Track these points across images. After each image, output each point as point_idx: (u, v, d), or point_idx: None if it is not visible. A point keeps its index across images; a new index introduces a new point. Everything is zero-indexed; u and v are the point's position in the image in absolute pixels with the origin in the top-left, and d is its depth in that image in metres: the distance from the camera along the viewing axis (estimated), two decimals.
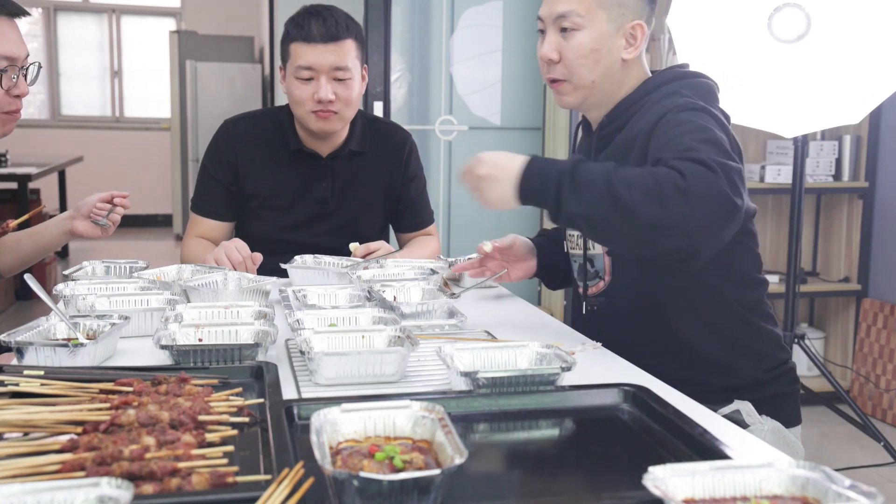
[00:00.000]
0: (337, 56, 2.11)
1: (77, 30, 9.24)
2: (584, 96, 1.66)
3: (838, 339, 4.16)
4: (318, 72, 2.11)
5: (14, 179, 5.47)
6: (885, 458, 3.21)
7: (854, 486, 0.79)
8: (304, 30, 2.11)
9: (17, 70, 1.80)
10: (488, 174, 1.44)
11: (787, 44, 2.88)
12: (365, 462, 0.86)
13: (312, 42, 2.10)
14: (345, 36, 2.12)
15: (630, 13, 1.62)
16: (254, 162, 2.27)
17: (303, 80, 2.13)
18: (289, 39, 2.16)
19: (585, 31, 1.61)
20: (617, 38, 1.62)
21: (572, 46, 1.62)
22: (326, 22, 2.10)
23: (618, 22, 1.61)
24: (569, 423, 1.15)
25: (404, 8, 4.02)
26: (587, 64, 1.62)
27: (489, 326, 1.64)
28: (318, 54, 2.10)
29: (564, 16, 1.61)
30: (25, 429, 1.01)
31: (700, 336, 1.61)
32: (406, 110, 4.12)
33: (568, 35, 1.62)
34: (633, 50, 1.63)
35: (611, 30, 1.61)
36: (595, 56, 1.61)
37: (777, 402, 1.62)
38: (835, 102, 2.87)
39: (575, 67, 1.62)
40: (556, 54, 1.64)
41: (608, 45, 1.61)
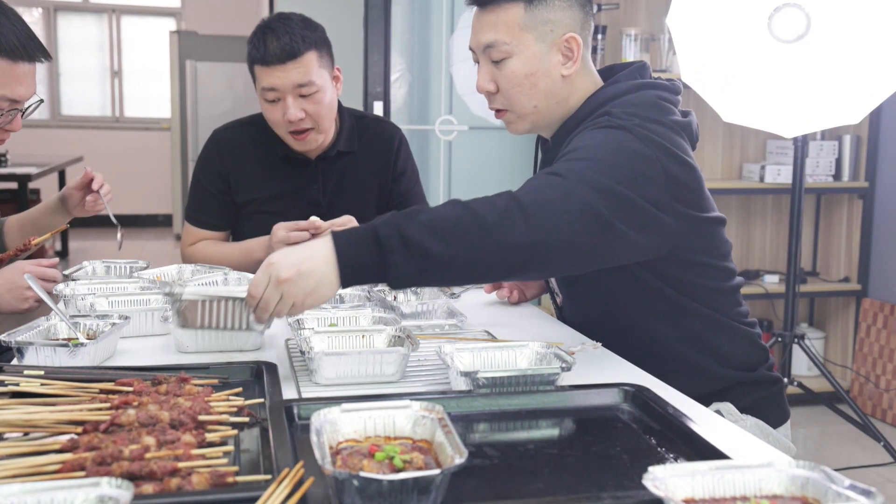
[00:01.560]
0: (299, 73, 2.06)
1: (77, 30, 9.23)
2: (532, 122, 1.59)
3: (838, 339, 4.16)
4: (282, 92, 2.07)
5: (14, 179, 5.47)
6: (885, 458, 3.22)
7: (854, 485, 0.79)
8: (260, 51, 2.06)
9: (18, 110, 1.80)
10: (294, 271, 1.22)
11: (787, 44, 2.88)
12: (365, 462, 0.86)
13: (271, 64, 2.05)
14: (303, 50, 2.05)
15: (560, 26, 1.53)
16: (244, 169, 2.26)
17: (270, 102, 2.11)
18: (251, 61, 2.12)
19: (516, 57, 1.53)
20: (551, 56, 1.54)
21: (506, 76, 1.54)
22: (282, 40, 2.04)
23: (548, 39, 1.53)
24: (569, 423, 1.15)
25: (404, 8, 4.02)
26: (525, 91, 1.54)
27: (489, 326, 1.65)
28: (278, 75, 2.06)
29: (491, 45, 1.54)
30: (25, 429, 1.01)
31: (669, 344, 1.55)
32: (406, 110, 4.12)
33: (500, 65, 1.55)
34: (571, 64, 1.54)
35: (542, 49, 1.53)
36: (531, 81, 1.54)
37: (762, 406, 1.58)
38: (835, 102, 2.87)
39: (513, 96, 1.55)
40: (492, 85, 1.57)
41: (543, 66, 1.53)
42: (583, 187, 1.30)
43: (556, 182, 1.31)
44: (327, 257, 1.23)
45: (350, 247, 1.23)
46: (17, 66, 1.73)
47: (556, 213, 1.28)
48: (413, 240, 1.21)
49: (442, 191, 4.11)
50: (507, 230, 1.25)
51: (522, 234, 1.25)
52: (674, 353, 1.55)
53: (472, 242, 1.24)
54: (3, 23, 1.71)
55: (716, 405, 1.51)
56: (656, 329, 1.55)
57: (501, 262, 1.27)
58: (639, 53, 3.81)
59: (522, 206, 1.26)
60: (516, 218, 1.25)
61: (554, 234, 1.27)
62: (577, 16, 1.54)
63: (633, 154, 1.38)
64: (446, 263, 1.23)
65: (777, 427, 1.59)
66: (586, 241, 1.31)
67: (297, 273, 1.22)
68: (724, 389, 1.56)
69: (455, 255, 1.23)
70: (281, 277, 1.22)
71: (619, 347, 1.55)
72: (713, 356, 1.57)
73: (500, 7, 1.53)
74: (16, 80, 1.74)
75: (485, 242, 1.24)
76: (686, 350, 1.55)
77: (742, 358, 1.60)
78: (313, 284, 1.23)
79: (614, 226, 1.31)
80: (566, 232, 1.28)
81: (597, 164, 1.35)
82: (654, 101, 1.52)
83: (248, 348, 1.44)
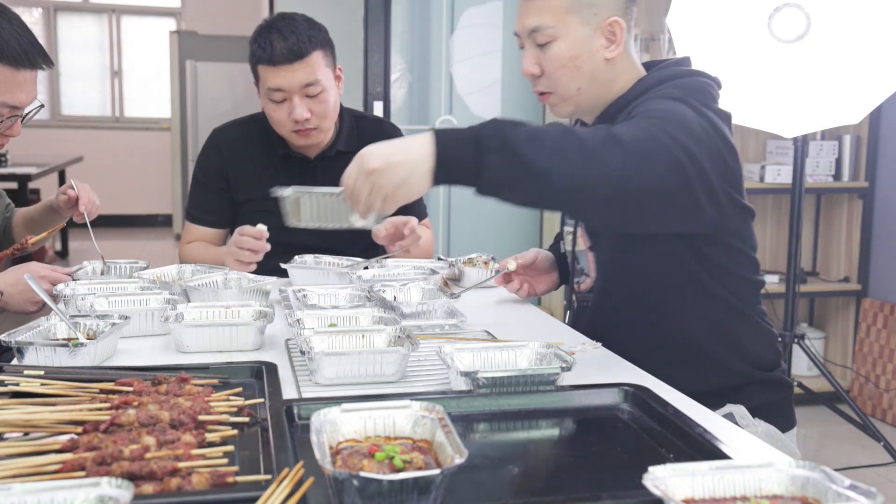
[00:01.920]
0: (306, 73, 2.06)
1: (77, 30, 9.23)
2: (575, 104, 1.62)
3: (838, 339, 4.16)
4: (289, 92, 2.08)
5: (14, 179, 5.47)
6: (885, 458, 3.22)
7: (854, 485, 0.79)
8: (267, 51, 2.06)
9: (18, 116, 1.80)
10: (384, 161, 1.22)
11: (787, 44, 2.88)
12: (365, 462, 0.86)
13: (278, 64, 2.05)
14: (310, 50, 2.06)
15: (604, 10, 1.56)
16: (244, 167, 2.27)
17: (276, 102, 2.11)
18: (254, 60, 2.12)
19: (561, 40, 1.56)
20: (595, 39, 1.57)
21: (550, 58, 1.57)
22: (288, 40, 2.04)
23: (592, 23, 1.56)
24: (569, 423, 1.15)
25: (404, 8, 4.02)
26: (569, 73, 1.57)
27: (489, 326, 1.64)
28: (285, 75, 2.06)
29: (537, 29, 1.57)
30: (25, 429, 1.01)
31: (693, 331, 1.58)
32: (406, 110, 4.12)
33: (545, 48, 1.58)
34: (614, 47, 1.58)
35: (586, 32, 1.56)
36: (575, 63, 1.57)
37: (771, 409, 1.59)
38: (835, 102, 2.87)
39: (558, 78, 1.58)
40: (536, 68, 1.60)
41: (587, 48, 1.56)
42: (673, 142, 1.31)
43: (652, 130, 1.32)
44: (423, 150, 1.22)
45: (449, 141, 1.22)
46: (18, 74, 1.73)
47: (649, 157, 1.28)
48: (514, 144, 1.21)
49: (442, 191, 4.11)
50: (604, 158, 1.25)
51: (617, 166, 1.25)
52: (697, 342, 1.58)
53: (569, 161, 1.24)
54: (6, 28, 1.70)
55: (729, 407, 1.52)
56: (684, 315, 1.57)
57: (590, 188, 1.26)
58: (639, 53, 3.80)
59: (622, 142, 1.27)
60: (615, 150, 1.26)
61: (644, 175, 1.28)
62: (620, 1, 1.58)
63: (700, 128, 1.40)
64: (540, 175, 1.22)
65: (784, 432, 1.60)
66: (667, 191, 1.31)
67: (387, 164, 1.22)
68: (741, 386, 1.58)
69: (550, 169, 1.22)
70: (370, 167, 1.22)
71: (641, 333, 1.58)
72: (734, 350, 1.59)
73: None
74: (17, 87, 1.74)
75: (581, 164, 1.24)
76: (709, 341, 1.58)
77: (760, 355, 1.62)
78: (403, 176, 1.22)
79: (693, 188, 1.33)
80: (655, 177, 1.29)
81: (681, 126, 1.35)
82: (705, 88, 1.56)
83: (248, 348, 1.44)
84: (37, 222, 2.17)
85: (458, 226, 4.16)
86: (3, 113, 1.76)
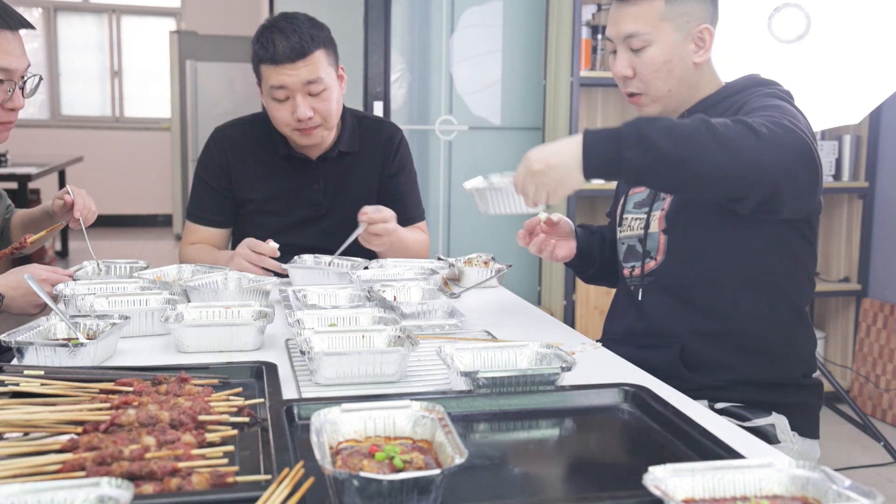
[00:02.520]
0: (308, 71, 2.06)
1: (77, 30, 9.23)
2: (664, 105, 1.70)
3: (838, 339, 4.16)
4: (292, 90, 2.07)
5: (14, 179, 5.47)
6: (885, 458, 3.21)
7: (854, 486, 0.79)
8: (269, 50, 2.05)
9: (14, 83, 1.79)
10: (545, 164, 1.44)
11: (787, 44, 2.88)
12: (365, 462, 0.86)
13: (281, 63, 2.05)
14: (312, 49, 2.06)
15: (695, 18, 1.65)
16: (246, 167, 2.26)
17: (279, 101, 2.10)
18: (257, 60, 2.10)
19: (655, 45, 1.64)
20: (686, 45, 1.65)
21: (645, 62, 1.65)
22: (290, 39, 2.04)
23: (684, 29, 1.64)
24: (569, 423, 1.15)
25: (404, 8, 4.02)
26: (661, 76, 1.66)
27: (489, 326, 1.65)
28: (288, 74, 2.05)
29: (633, 35, 1.65)
30: (25, 429, 1.01)
31: (751, 320, 1.61)
32: (406, 110, 4.12)
33: (639, 52, 1.66)
34: (703, 52, 1.67)
35: (679, 38, 1.64)
36: (668, 67, 1.65)
37: (807, 412, 1.64)
38: (835, 102, 2.87)
39: (650, 81, 1.66)
40: (629, 71, 1.68)
41: (679, 53, 1.65)
42: (800, 133, 1.42)
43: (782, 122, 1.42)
44: (575, 153, 1.42)
45: (594, 142, 1.41)
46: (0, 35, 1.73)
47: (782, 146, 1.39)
48: (649, 139, 1.36)
49: (442, 191, 4.11)
50: (739, 145, 1.37)
51: (751, 153, 1.37)
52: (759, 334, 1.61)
53: (703, 149, 1.37)
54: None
55: (774, 417, 1.57)
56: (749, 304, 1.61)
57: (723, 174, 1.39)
58: None
59: (756, 132, 1.38)
60: (749, 138, 1.37)
61: (778, 161, 1.40)
62: (710, 9, 1.67)
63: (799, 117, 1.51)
64: (674, 163, 1.37)
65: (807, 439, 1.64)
66: (798, 175, 1.43)
67: (547, 166, 1.43)
68: (789, 386, 1.62)
69: (684, 157, 1.37)
70: (533, 169, 1.45)
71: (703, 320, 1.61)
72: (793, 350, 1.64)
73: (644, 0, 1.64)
74: (1, 49, 1.74)
75: (715, 151, 1.37)
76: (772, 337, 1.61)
77: (808, 359, 1.67)
78: (561, 176, 1.43)
79: (815, 175, 1.45)
80: (786, 164, 1.40)
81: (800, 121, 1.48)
82: (790, 94, 1.67)
83: (248, 348, 1.44)
84: (34, 225, 2.16)
85: (458, 226, 4.16)
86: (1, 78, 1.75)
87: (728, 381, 1.59)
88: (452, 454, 0.86)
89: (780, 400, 1.60)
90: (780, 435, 1.56)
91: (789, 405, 1.60)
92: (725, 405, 1.59)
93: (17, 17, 1.78)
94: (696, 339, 1.61)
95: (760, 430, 1.55)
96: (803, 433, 1.60)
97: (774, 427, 1.56)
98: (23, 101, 1.83)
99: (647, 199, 1.72)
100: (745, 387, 1.59)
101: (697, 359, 1.60)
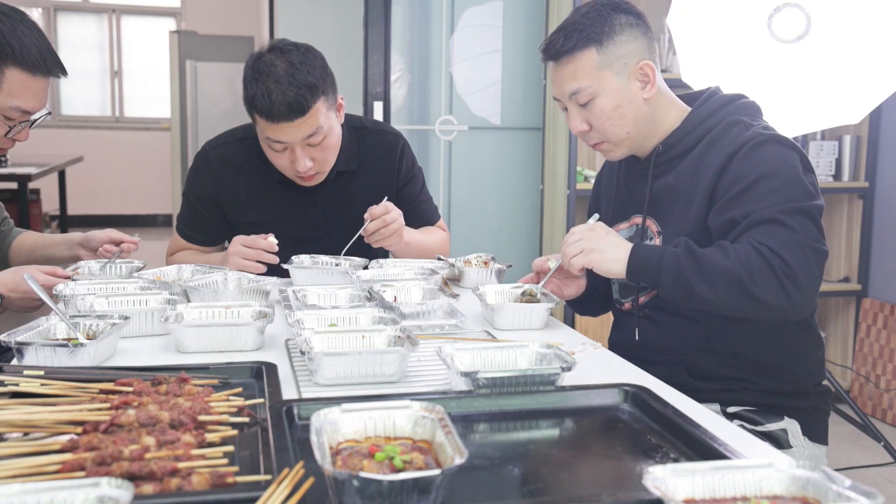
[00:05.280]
0: (308, 126, 1.94)
1: (77, 30, 9.23)
2: (628, 147, 1.72)
3: (838, 339, 4.16)
4: (290, 144, 1.97)
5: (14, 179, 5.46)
6: (885, 458, 3.21)
7: (854, 486, 0.79)
8: (264, 103, 1.90)
9: (28, 122, 1.80)
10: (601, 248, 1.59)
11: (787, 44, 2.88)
12: (365, 462, 0.86)
13: (278, 121, 1.91)
14: (312, 103, 1.92)
15: (632, 57, 1.65)
16: (238, 192, 2.16)
17: (276, 151, 2.00)
18: (250, 107, 1.96)
19: (601, 96, 1.65)
20: (631, 85, 1.66)
21: (596, 113, 1.67)
22: (287, 94, 1.89)
23: (625, 72, 1.65)
24: (569, 423, 1.14)
25: (404, 8, 4.02)
26: (616, 122, 1.67)
27: (489, 327, 1.64)
28: (286, 131, 1.93)
29: (577, 92, 1.66)
30: (25, 429, 1.01)
31: (757, 337, 1.63)
32: (406, 110, 4.12)
33: (588, 105, 1.67)
34: (650, 87, 1.67)
35: (622, 82, 1.65)
36: (619, 112, 1.66)
37: (816, 416, 1.67)
38: (835, 102, 2.87)
39: (606, 129, 1.68)
40: (585, 125, 1.70)
41: (627, 96, 1.66)
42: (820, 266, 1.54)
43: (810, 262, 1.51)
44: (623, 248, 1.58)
45: (640, 260, 1.56)
46: (35, 80, 1.74)
47: (810, 296, 1.51)
48: (685, 276, 1.50)
49: (442, 191, 4.11)
50: (766, 304, 1.47)
51: (779, 310, 1.48)
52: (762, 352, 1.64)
53: (732, 298, 1.48)
54: (27, 35, 1.72)
55: (786, 422, 1.60)
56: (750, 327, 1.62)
57: (745, 316, 1.54)
58: None
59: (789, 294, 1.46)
60: (780, 298, 1.46)
61: (802, 311, 1.52)
62: (644, 43, 1.68)
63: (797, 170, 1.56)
64: (700, 300, 1.50)
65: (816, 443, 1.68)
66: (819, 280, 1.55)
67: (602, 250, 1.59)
68: (798, 394, 1.66)
69: (713, 298, 1.49)
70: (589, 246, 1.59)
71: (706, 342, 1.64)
72: (799, 362, 1.67)
73: (575, 56, 1.65)
74: (32, 94, 1.75)
75: (742, 303, 1.48)
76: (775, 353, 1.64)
77: (817, 367, 1.71)
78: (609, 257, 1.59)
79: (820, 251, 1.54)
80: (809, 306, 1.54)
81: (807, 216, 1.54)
82: (758, 108, 1.70)
83: (248, 348, 1.44)
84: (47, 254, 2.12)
85: (458, 226, 4.15)
86: (15, 118, 1.77)
87: (739, 387, 1.61)
88: (452, 454, 0.85)
89: (791, 404, 1.61)
90: (793, 440, 1.58)
91: (800, 409, 1.62)
92: (738, 409, 1.60)
93: (58, 65, 1.79)
94: (703, 354, 1.63)
95: (772, 436, 1.57)
96: (812, 438, 1.62)
97: (786, 432, 1.58)
98: (28, 136, 1.84)
99: (636, 235, 1.74)
100: (757, 392, 1.61)
101: (705, 373, 1.62)
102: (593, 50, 1.64)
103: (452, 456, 0.85)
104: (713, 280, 1.47)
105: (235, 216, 2.18)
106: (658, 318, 1.70)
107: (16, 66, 1.73)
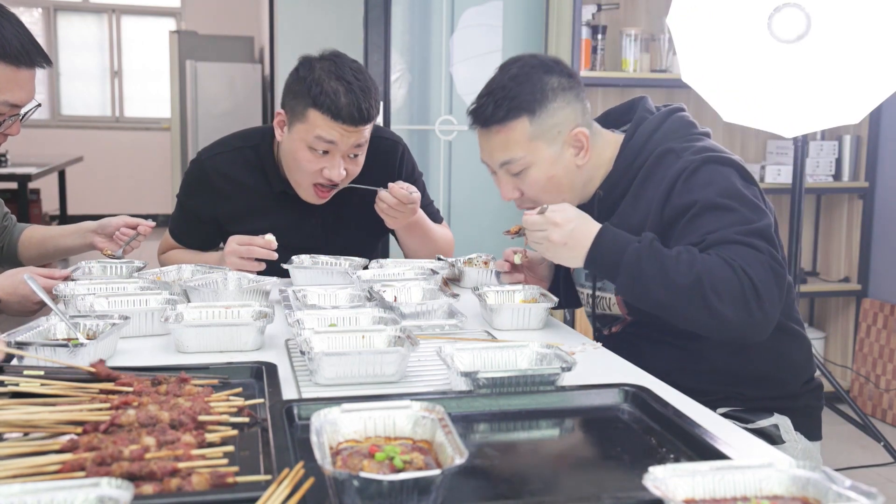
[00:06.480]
0: (361, 136, 1.97)
1: (77, 30, 9.23)
2: None
3: (838, 339, 4.16)
4: (338, 148, 1.95)
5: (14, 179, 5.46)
6: (885, 458, 3.21)
7: (854, 486, 0.79)
8: (334, 105, 1.89)
9: (18, 115, 1.80)
10: (563, 243, 1.50)
11: (787, 44, 2.88)
12: (365, 462, 0.86)
13: (341, 122, 1.91)
14: (375, 116, 1.96)
15: (565, 125, 1.59)
16: (235, 203, 2.13)
17: (315, 151, 1.96)
18: (310, 102, 1.92)
19: (534, 166, 1.60)
20: (564, 152, 1.60)
21: (529, 184, 1.62)
22: (360, 104, 1.90)
23: (558, 140, 1.59)
24: (569, 423, 1.15)
25: (404, 8, 4.02)
26: (550, 191, 1.62)
27: (489, 327, 1.64)
28: (343, 133, 1.93)
29: (508, 162, 1.61)
30: (25, 429, 1.01)
31: (737, 351, 1.58)
32: (406, 110, 4.12)
33: (520, 175, 1.61)
34: (583, 154, 1.61)
35: (556, 151, 1.59)
36: (554, 182, 1.61)
37: (808, 413, 1.63)
38: (835, 102, 2.87)
39: (540, 198, 1.62)
40: (517, 193, 1.65)
41: (561, 164, 1.60)
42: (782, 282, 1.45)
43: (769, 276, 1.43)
44: (585, 244, 1.49)
45: (603, 246, 1.48)
46: (19, 72, 1.74)
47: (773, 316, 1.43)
48: (645, 278, 1.42)
49: (442, 191, 4.11)
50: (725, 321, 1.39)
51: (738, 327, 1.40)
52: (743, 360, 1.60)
53: (689, 307, 1.40)
54: (7, 28, 1.71)
55: (776, 417, 1.56)
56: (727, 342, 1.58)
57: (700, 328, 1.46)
58: (639, 53, 3.80)
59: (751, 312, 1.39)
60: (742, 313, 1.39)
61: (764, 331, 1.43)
62: (577, 108, 1.60)
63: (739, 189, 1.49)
64: (655, 303, 1.44)
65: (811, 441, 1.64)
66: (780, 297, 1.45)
67: (564, 245, 1.50)
68: (787, 395, 1.62)
69: (669, 304, 1.43)
70: (552, 239, 1.51)
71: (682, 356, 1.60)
72: (784, 365, 1.63)
73: (506, 126, 1.58)
74: (17, 86, 1.75)
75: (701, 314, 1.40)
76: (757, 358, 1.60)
77: (804, 366, 1.67)
78: (569, 254, 1.51)
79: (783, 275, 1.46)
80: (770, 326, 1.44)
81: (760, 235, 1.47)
82: (689, 121, 1.62)
83: (248, 348, 1.44)
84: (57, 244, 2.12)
85: (458, 226, 4.15)
86: (4, 112, 1.77)
87: (724, 397, 1.59)
88: (452, 454, 0.85)
89: (781, 405, 1.59)
90: (785, 435, 1.55)
91: (790, 408, 1.59)
92: (727, 409, 1.58)
93: (41, 55, 1.78)
94: (685, 374, 1.55)
95: (764, 432, 1.55)
96: (805, 434, 1.60)
97: (778, 427, 1.54)
98: (20, 129, 1.84)
99: None
100: (744, 400, 1.59)
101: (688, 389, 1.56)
102: (525, 120, 1.57)
103: (452, 456, 0.85)
104: (673, 286, 1.40)
105: (232, 227, 2.12)
106: (636, 343, 1.66)
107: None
